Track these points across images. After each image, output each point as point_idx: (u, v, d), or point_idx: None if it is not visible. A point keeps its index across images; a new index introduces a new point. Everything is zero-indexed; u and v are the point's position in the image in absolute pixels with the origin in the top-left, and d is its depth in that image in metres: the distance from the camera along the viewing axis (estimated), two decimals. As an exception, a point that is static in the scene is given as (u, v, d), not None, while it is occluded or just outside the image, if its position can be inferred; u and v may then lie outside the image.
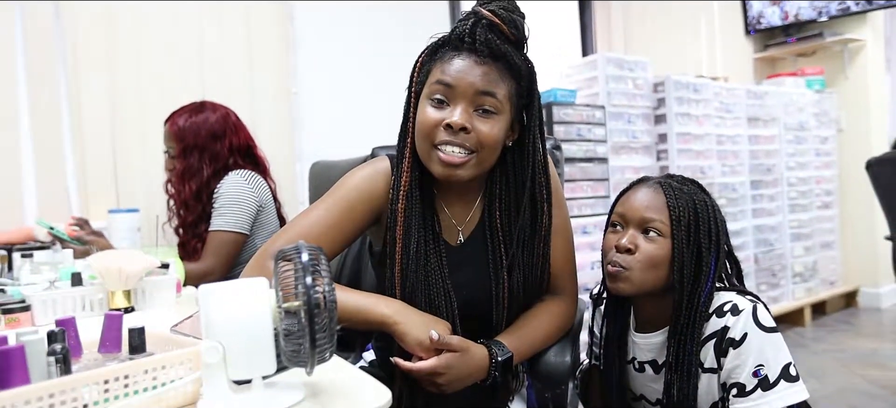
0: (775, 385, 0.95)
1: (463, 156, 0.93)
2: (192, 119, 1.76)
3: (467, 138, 0.92)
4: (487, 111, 0.93)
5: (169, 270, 1.33)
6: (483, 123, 0.92)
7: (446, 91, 0.93)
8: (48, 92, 2.05)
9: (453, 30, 0.95)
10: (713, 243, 1.04)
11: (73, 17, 2.07)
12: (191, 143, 1.74)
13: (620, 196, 1.12)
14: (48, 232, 1.60)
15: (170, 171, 1.78)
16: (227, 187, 1.72)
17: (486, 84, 0.92)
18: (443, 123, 0.92)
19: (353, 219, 1.00)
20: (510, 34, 0.93)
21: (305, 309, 0.63)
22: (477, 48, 0.92)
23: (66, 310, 1.14)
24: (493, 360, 0.96)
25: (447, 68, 0.93)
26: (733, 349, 0.97)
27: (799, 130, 3.82)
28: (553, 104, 2.70)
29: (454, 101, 0.93)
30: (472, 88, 0.92)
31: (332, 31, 2.63)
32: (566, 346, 1.07)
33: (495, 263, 1.01)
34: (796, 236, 3.77)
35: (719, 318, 1.00)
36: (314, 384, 0.71)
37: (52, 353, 0.64)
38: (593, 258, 2.77)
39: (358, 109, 2.64)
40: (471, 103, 0.92)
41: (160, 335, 0.80)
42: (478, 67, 0.92)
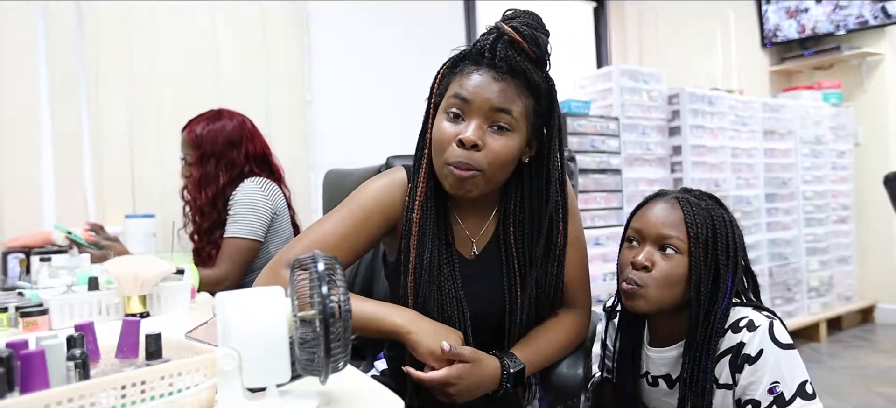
0: (791, 403, 0.94)
1: (470, 174, 0.92)
2: (210, 127, 1.78)
3: (477, 157, 0.91)
4: (502, 128, 0.92)
5: (184, 276, 1.34)
6: (495, 140, 0.92)
7: (462, 105, 0.93)
8: (68, 98, 2.09)
9: (475, 44, 0.95)
10: (731, 260, 1.03)
11: (95, 24, 2.11)
12: (208, 150, 1.76)
13: (637, 210, 1.11)
14: (66, 236, 1.62)
15: (186, 177, 1.80)
16: (243, 195, 1.73)
17: (502, 101, 0.91)
18: (456, 139, 0.92)
19: (369, 228, 1.00)
20: (531, 52, 0.92)
21: (321, 318, 0.63)
22: (496, 64, 0.91)
23: (83, 314, 1.16)
24: (505, 371, 0.95)
25: (465, 82, 0.93)
26: (749, 366, 0.96)
27: (815, 143, 3.78)
28: (567, 115, 2.70)
29: (469, 116, 0.92)
30: (488, 104, 0.91)
31: (348, 40, 2.65)
32: (578, 358, 1.07)
33: (509, 278, 1.01)
34: (812, 251, 3.73)
35: (735, 333, 0.99)
36: (327, 393, 0.71)
37: (72, 358, 0.64)
38: (606, 270, 2.76)
39: (373, 118, 2.65)
40: (486, 119, 0.92)
41: (175, 341, 0.81)
42: (495, 83, 0.91)
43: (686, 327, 1.03)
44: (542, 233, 0.99)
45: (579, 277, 1.10)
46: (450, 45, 1.04)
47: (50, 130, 2.06)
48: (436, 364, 0.92)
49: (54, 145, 2.07)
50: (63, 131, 2.08)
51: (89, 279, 1.22)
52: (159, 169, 2.20)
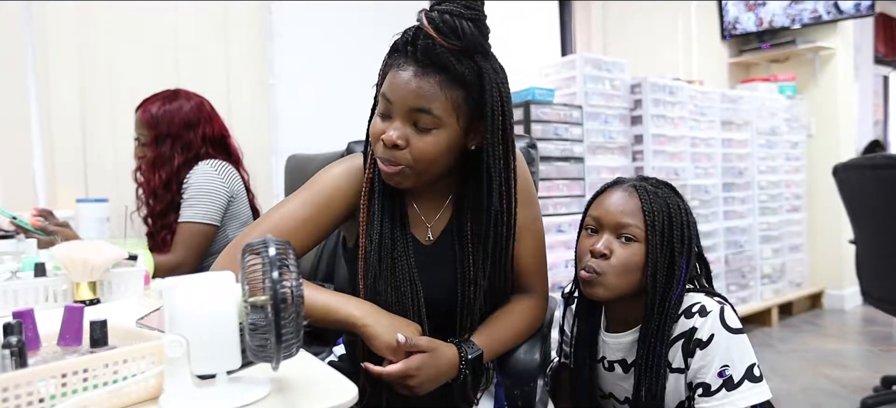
0: (739, 385, 0.97)
1: (396, 170, 0.92)
2: (166, 107, 1.72)
3: (400, 155, 0.91)
4: (420, 128, 0.91)
5: (137, 262, 1.30)
6: (420, 139, 0.90)
7: (387, 105, 0.92)
8: (16, 77, 2.00)
9: (402, 34, 0.92)
10: (685, 247, 1.05)
11: (43, 4, 2.01)
12: (163, 131, 1.71)
13: (594, 198, 1.12)
14: (11, 222, 1.55)
15: (139, 158, 1.75)
16: (197, 178, 1.69)
17: (419, 101, 0.89)
18: (380, 135, 0.92)
19: (328, 214, 1.00)
20: (450, 45, 0.87)
21: (272, 304, 0.62)
22: (418, 59, 0.89)
23: (28, 301, 1.12)
24: (463, 358, 0.95)
25: (390, 80, 0.91)
26: (700, 350, 0.99)
27: (770, 134, 3.90)
28: (531, 103, 2.72)
29: (393, 115, 0.92)
30: (407, 105, 0.90)
31: (311, 23, 2.61)
32: (536, 343, 1.07)
33: (462, 266, 1.00)
34: (766, 239, 3.85)
35: (688, 319, 1.01)
36: (280, 380, 0.70)
37: (7, 345, 0.62)
38: (567, 257, 2.79)
39: (336, 103, 2.62)
40: (407, 119, 0.91)
41: (124, 329, 0.78)
42: (415, 81, 0.89)
43: (641, 312, 1.05)
44: (491, 222, 0.97)
45: (535, 264, 1.10)
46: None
47: (-6, 110, 1.97)
48: (393, 357, 0.91)
49: (0, 126, 1.98)
50: (9, 111, 1.99)
51: (36, 266, 1.17)
52: (113, 151, 2.13)
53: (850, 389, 2.66)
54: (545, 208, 2.74)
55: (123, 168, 2.13)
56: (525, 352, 1.05)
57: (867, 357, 3.18)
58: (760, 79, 4.17)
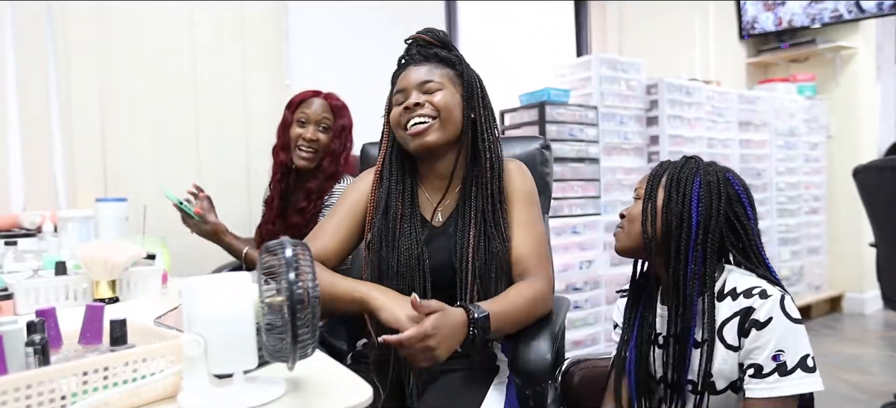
0: (792, 373, 0.98)
1: (425, 124, 1.14)
2: (342, 103, 1.79)
3: (424, 109, 1.15)
4: (431, 90, 1.17)
5: (155, 261, 1.32)
6: (432, 97, 1.16)
7: (401, 94, 1.19)
8: (37, 78, 2.03)
9: (398, 60, 1.24)
10: (685, 223, 1.07)
11: (64, 4, 2.05)
12: (347, 124, 1.76)
13: None
14: (174, 205, 1.58)
15: (309, 141, 1.71)
16: (338, 200, 1.70)
17: (423, 76, 1.18)
18: (401, 109, 1.16)
19: (359, 218, 1.21)
20: (435, 41, 1.21)
21: (288, 304, 0.63)
22: (414, 57, 1.21)
23: (50, 299, 1.14)
24: (471, 318, 0.98)
25: (399, 81, 1.20)
26: (756, 330, 1.00)
27: (789, 135, 3.85)
28: (546, 103, 2.71)
29: (407, 94, 1.17)
30: (415, 82, 1.17)
31: (327, 23, 2.62)
32: (547, 342, 1.07)
33: (463, 238, 1.14)
34: (784, 241, 3.80)
35: (746, 298, 1.03)
36: (295, 379, 0.71)
37: (31, 343, 0.63)
38: (582, 258, 2.78)
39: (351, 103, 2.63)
40: (419, 90, 1.17)
41: (142, 327, 0.80)
42: (417, 69, 1.19)
43: None
44: (493, 193, 1.17)
45: (534, 254, 1.15)
46: (429, 24, 1.24)
47: (17, 111, 2.01)
48: (401, 328, 0.95)
49: (22, 126, 2.01)
50: (31, 111, 2.02)
51: (57, 264, 1.19)
52: (132, 151, 2.15)
53: (871, 394, 2.61)
54: (560, 209, 2.73)
55: (141, 167, 2.16)
56: (536, 351, 1.05)
57: (888, 362, 3.13)
58: (779, 79, 4.11)
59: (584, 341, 2.79)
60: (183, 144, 2.26)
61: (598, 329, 2.84)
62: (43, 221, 1.73)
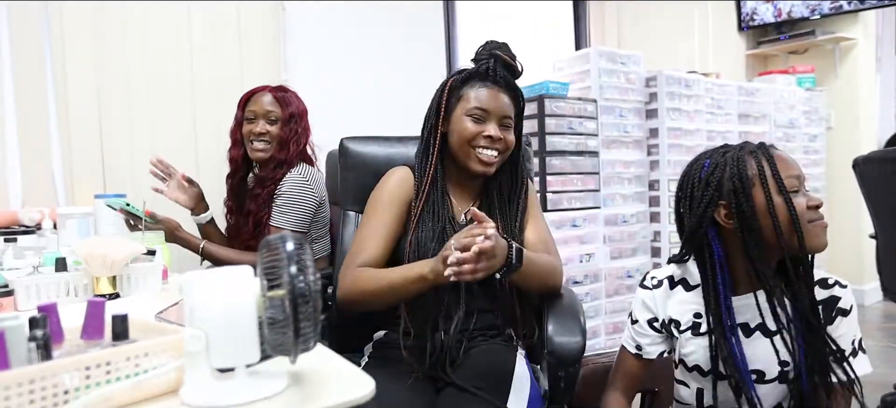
0: (857, 354, 1.06)
1: (495, 157, 1.30)
2: (290, 93, 1.83)
3: (500, 144, 1.29)
4: (507, 126, 1.31)
5: (155, 257, 1.32)
6: (506, 133, 1.31)
7: (483, 113, 1.29)
8: (34, 75, 2.03)
9: (479, 66, 1.32)
10: (691, 206, 1.09)
11: (61, 4, 2.04)
12: (295, 112, 1.80)
13: (770, 163, 1.04)
14: (121, 209, 1.59)
15: (259, 135, 1.78)
16: (289, 186, 1.73)
17: (507, 110, 1.31)
18: (483, 134, 1.28)
19: (397, 220, 1.31)
20: (518, 70, 1.34)
21: (290, 298, 0.63)
22: (498, 81, 1.31)
23: (50, 295, 1.14)
24: (509, 244, 1.13)
25: (481, 96, 1.30)
26: (844, 318, 1.06)
27: (789, 127, 3.84)
28: (545, 97, 2.70)
29: (489, 120, 1.29)
30: (500, 112, 1.30)
31: (324, 21, 2.61)
32: (579, 328, 1.23)
33: None
34: (783, 233, 3.80)
35: (829, 288, 1.07)
36: (298, 373, 0.71)
37: (33, 339, 0.63)
38: (582, 251, 2.78)
39: (349, 100, 2.63)
40: (499, 122, 1.30)
41: (144, 322, 0.80)
42: (502, 96, 1.30)
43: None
44: (519, 201, 1.35)
45: (543, 243, 1.35)
46: (426, 28, 1.25)
47: (14, 108, 2.01)
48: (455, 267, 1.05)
49: (19, 123, 2.01)
50: (29, 108, 2.02)
51: (57, 260, 1.19)
52: (129, 148, 2.15)
53: (871, 386, 2.59)
54: (559, 203, 2.73)
55: (139, 163, 2.16)
56: (568, 335, 1.21)
57: (888, 354, 3.13)
58: (778, 71, 4.10)
59: (585, 334, 2.79)
60: (180, 139, 2.26)
61: (599, 322, 2.85)
62: (42, 218, 1.72)
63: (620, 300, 2.94)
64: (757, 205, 1.02)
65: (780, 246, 1.02)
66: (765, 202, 1.02)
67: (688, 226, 1.09)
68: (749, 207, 1.02)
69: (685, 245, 1.12)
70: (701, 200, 1.06)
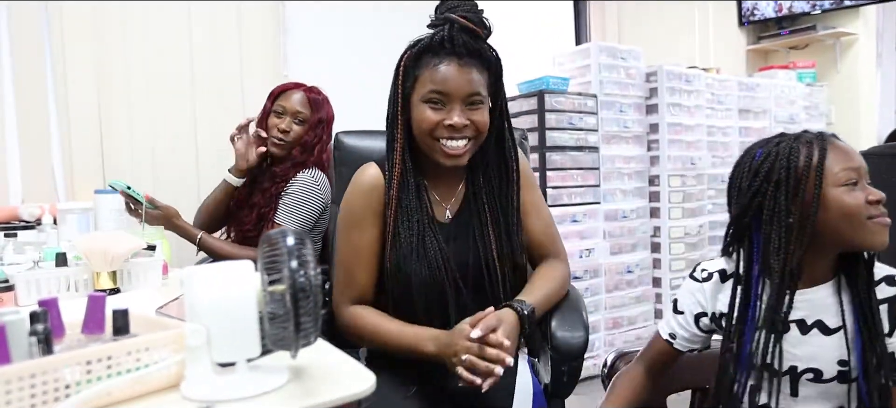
0: None
1: (464, 146, 1.10)
2: (322, 97, 1.82)
3: (466, 130, 1.09)
4: (475, 104, 1.10)
5: (155, 252, 1.32)
6: (474, 113, 1.10)
7: (441, 96, 1.08)
8: (34, 71, 2.02)
9: (432, 36, 1.09)
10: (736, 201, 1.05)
11: (60, 1, 2.03)
12: (324, 117, 1.78)
13: (822, 154, 1.00)
14: (122, 192, 1.59)
15: (283, 132, 1.76)
16: (297, 188, 1.72)
17: (471, 86, 1.09)
18: (444, 123, 1.08)
19: (370, 228, 1.16)
20: (482, 33, 1.09)
21: (290, 293, 0.63)
22: (457, 51, 1.07)
23: (51, 290, 1.14)
24: (520, 314, 1.07)
25: (437, 76, 1.08)
26: None
27: (789, 122, 3.84)
28: (545, 92, 2.70)
29: (449, 103, 1.08)
30: (463, 91, 1.08)
31: (324, 18, 2.61)
32: (582, 323, 1.21)
33: (482, 233, 1.15)
34: (783, 228, 3.80)
35: (893, 286, 1.01)
36: (298, 368, 0.71)
37: (34, 333, 0.63)
38: (582, 246, 2.78)
39: (349, 97, 2.62)
40: (463, 103, 1.09)
41: (145, 317, 0.80)
42: (464, 72, 1.08)
43: None
44: (512, 185, 1.17)
45: (548, 236, 1.24)
46: (427, 21, 1.13)
47: (14, 104, 2.00)
48: (463, 365, 0.99)
49: (19, 118, 2.01)
50: (28, 104, 2.02)
51: (57, 255, 1.19)
52: (129, 144, 2.15)
53: None
54: (559, 198, 2.73)
55: (139, 158, 2.16)
56: (572, 330, 1.18)
57: (887, 348, 3.13)
58: (779, 66, 4.09)
59: (585, 329, 2.80)
60: (180, 135, 2.26)
61: (598, 317, 2.85)
62: (42, 214, 1.73)
63: (620, 295, 2.94)
64: (806, 197, 0.97)
65: (836, 242, 0.98)
66: (814, 195, 0.97)
67: (732, 215, 1.06)
68: (797, 200, 0.98)
69: (729, 235, 1.08)
70: (748, 190, 1.03)
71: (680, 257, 3.15)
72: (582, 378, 1.35)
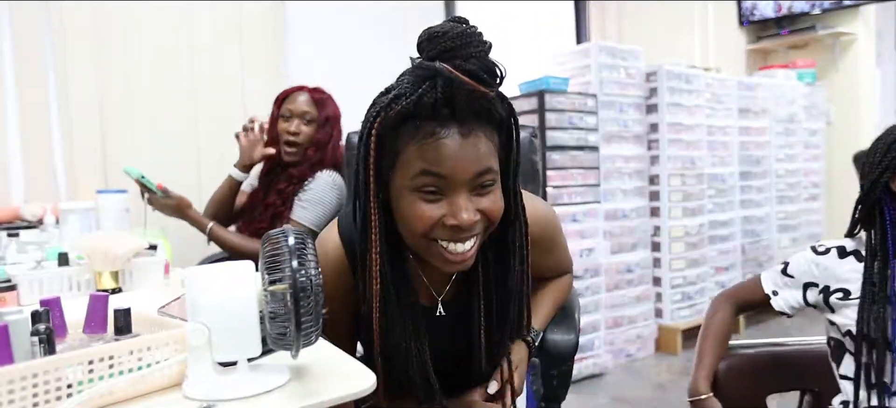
0: None
1: (472, 246, 0.81)
2: (327, 95, 1.82)
3: (476, 226, 0.80)
4: (486, 186, 0.80)
5: (157, 252, 1.33)
6: (486, 199, 0.80)
7: (439, 182, 0.77)
8: (35, 72, 2.03)
9: (420, 97, 0.75)
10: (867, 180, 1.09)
11: (61, 2, 2.04)
12: (331, 115, 1.79)
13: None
14: (137, 181, 1.61)
15: (292, 134, 1.76)
16: (317, 184, 1.72)
17: (481, 164, 0.78)
18: (445, 222, 0.78)
19: (348, 306, 0.91)
20: (489, 91, 0.76)
21: (291, 292, 0.63)
22: (458, 117, 0.76)
23: (53, 290, 1.14)
24: (531, 346, 1.03)
25: (431, 156, 0.76)
26: None
27: (789, 122, 3.84)
28: (545, 92, 2.70)
29: (451, 191, 0.78)
30: (469, 172, 0.77)
31: (325, 18, 2.61)
32: (570, 326, 1.17)
33: (477, 322, 0.91)
34: (783, 228, 3.81)
35: None
36: (299, 367, 0.71)
37: (36, 333, 0.64)
38: (582, 246, 2.79)
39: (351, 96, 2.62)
40: (469, 188, 0.78)
41: (146, 317, 0.80)
42: (468, 146, 0.76)
43: None
44: (520, 265, 0.89)
45: (554, 260, 1.09)
46: (428, 20, 0.96)
47: (16, 104, 2.01)
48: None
49: (21, 119, 2.01)
50: (30, 104, 2.02)
51: (59, 255, 1.20)
52: (131, 144, 2.16)
53: None
54: (559, 198, 2.74)
55: (141, 158, 2.16)
56: (562, 334, 1.16)
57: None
58: (779, 66, 4.10)
59: (585, 328, 2.80)
60: (181, 135, 2.26)
61: (599, 317, 2.86)
62: (44, 213, 1.73)
63: (620, 295, 2.95)
64: None
65: None
66: None
67: (862, 190, 1.09)
68: None
69: (857, 209, 1.12)
70: (878, 166, 1.07)
71: (680, 257, 3.15)
72: (582, 377, 1.34)
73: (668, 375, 2.80)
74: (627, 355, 3.00)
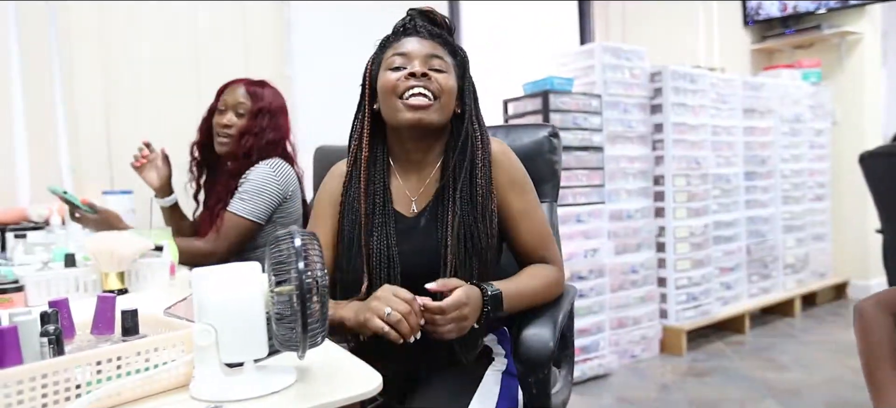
0: None
1: (428, 101, 1.05)
2: (268, 88, 1.79)
3: (429, 83, 1.05)
4: (438, 69, 1.08)
5: (162, 253, 1.33)
6: (437, 74, 1.07)
7: (403, 59, 1.08)
8: (41, 73, 2.04)
9: (395, 26, 1.14)
10: None
11: (66, 2, 2.05)
12: (265, 106, 1.76)
13: None
14: (61, 197, 1.58)
15: (225, 127, 1.74)
16: (255, 175, 1.70)
17: (433, 50, 1.09)
18: (404, 75, 1.05)
19: (332, 216, 1.12)
20: (441, 21, 1.13)
21: (298, 294, 0.63)
22: (418, 31, 1.10)
23: (60, 291, 1.15)
24: (484, 294, 0.99)
25: (399, 46, 1.09)
26: None
27: (794, 122, 3.83)
28: (549, 92, 2.70)
29: (410, 61, 1.07)
30: (423, 52, 1.08)
31: (328, 16, 2.62)
32: (550, 328, 1.04)
33: (445, 231, 1.05)
34: (788, 228, 3.80)
35: None
36: (306, 368, 0.72)
37: (45, 334, 0.64)
38: (587, 246, 2.78)
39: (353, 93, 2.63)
40: (424, 63, 1.07)
41: (153, 317, 0.81)
42: (426, 42, 1.09)
43: None
44: (482, 181, 1.07)
45: (540, 240, 1.13)
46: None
47: (22, 106, 2.02)
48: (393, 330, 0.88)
49: (28, 121, 2.02)
50: (36, 106, 2.03)
51: (66, 256, 1.20)
52: (136, 145, 2.16)
53: None
54: (564, 198, 2.73)
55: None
56: (537, 336, 1.03)
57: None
58: (784, 65, 4.08)
59: (589, 329, 2.80)
60: (187, 134, 2.26)
61: (603, 317, 2.85)
62: (50, 215, 1.74)
63: (625, 295, 2.94)
64: None
65: None
66: None
67: None
68: None
69: None
70: None
71: (685, 257, 3.14)
72: (587, 379, 1.26)
73: (673, 376, 2.80)
74: (632, 356, 2.99)
